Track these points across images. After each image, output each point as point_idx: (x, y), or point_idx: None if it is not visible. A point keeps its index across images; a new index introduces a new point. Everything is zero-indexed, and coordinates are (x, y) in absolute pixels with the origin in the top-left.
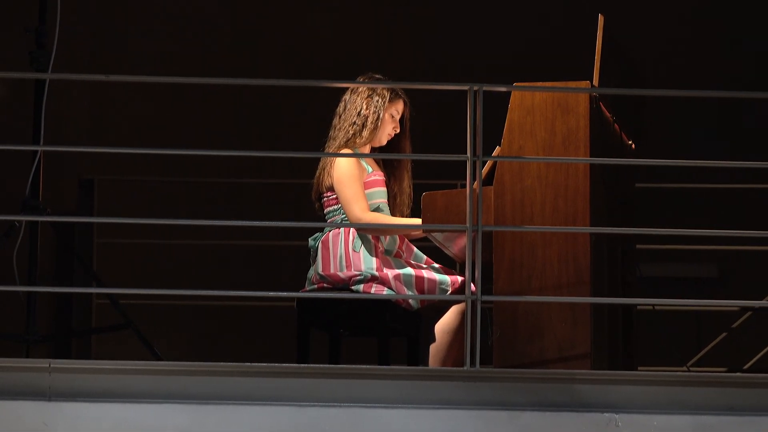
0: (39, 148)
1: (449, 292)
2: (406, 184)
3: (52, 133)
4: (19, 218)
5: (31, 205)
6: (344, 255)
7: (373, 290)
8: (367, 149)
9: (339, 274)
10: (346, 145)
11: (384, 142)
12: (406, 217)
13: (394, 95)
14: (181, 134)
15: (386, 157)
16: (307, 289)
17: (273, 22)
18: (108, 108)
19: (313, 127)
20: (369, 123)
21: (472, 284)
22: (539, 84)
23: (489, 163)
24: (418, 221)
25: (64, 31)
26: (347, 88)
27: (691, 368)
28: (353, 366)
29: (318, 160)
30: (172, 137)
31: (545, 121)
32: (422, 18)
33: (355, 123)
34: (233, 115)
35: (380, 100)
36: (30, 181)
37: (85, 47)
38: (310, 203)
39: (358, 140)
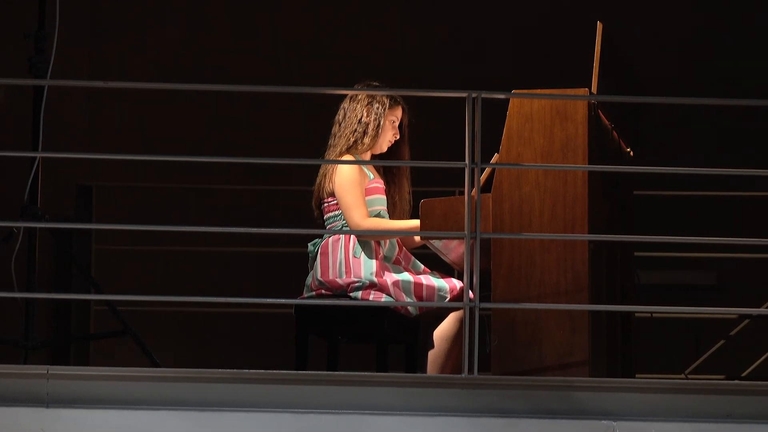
0: (37, 155)
1: (448, 299)
2: (406, 190)
3: (51, 139)
4: (17, 224)
5: (30, 211)
6: (344, 261)
7: (371, 297)
8: (367, 156)
9: (338, 280)
10: (347, 152)
11: (385, 149)
12: None
13: (394, 102)
14: (179, 141)
15: (385, 164)
16: (306, 295)
17: (270, 29)
18: (106, 114)
19: (312, 134)
20: (370, 130)
21: (470, 291)
22: (538, 91)
23: (487, 170)
24: (417, 222)
25: (62, 38)
26: (346, 96)
27: (689, 376)
28: (351, 373)
29: (318, 166)
30: (171, 144)
31: (544, 128)
32: (420, 24)
33: (356, 130)
34: (232, 121)
35: (380, 107)
36: (28, 188)
37: (84, 53)
38: (309, 210)
39: (359, 147)
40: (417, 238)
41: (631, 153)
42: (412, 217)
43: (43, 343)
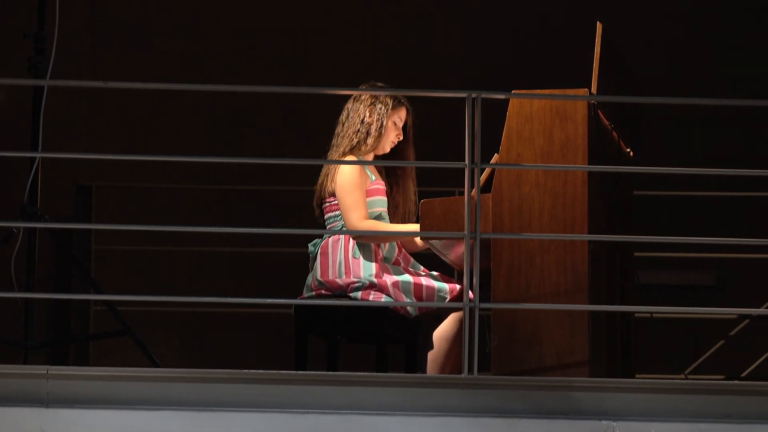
0: (37, 155)
1: (447, 300)
2: (411, 191)
3: (51, 139)
4: (17, 224)
5: (30, 211)
6: (343, 261)
7: (371, 297)
8: (370, 157)
9: (337, 280)
10: (350, 152)
11: (387, 150)
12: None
13: (397, 103)
14: (179, 141)
15: (385, 164)
16: (306, 295)
17: (272, 30)
18: (106, 114)
19: (314, 135)
20: (373, 131)
21: (470, 292)
22: (538, 91)
23: (487, 171)
24: (416, 227)
25: (62, 38)
26: (350, 96)
27: (688, 376)
28: (351, 373)
29: (320, 166)
30: (170, 144)
31: (543, 128)
32: (421, 24)
33: (359, 131)
34: (233, 121)
35: (383, 107)
36: (28, 188)
37: (84, 53)
38: (310, 210)
39: (362, 148)
40: (418, 243)
41: (631, 153)
42: (415, 217)
43: (42, 343)
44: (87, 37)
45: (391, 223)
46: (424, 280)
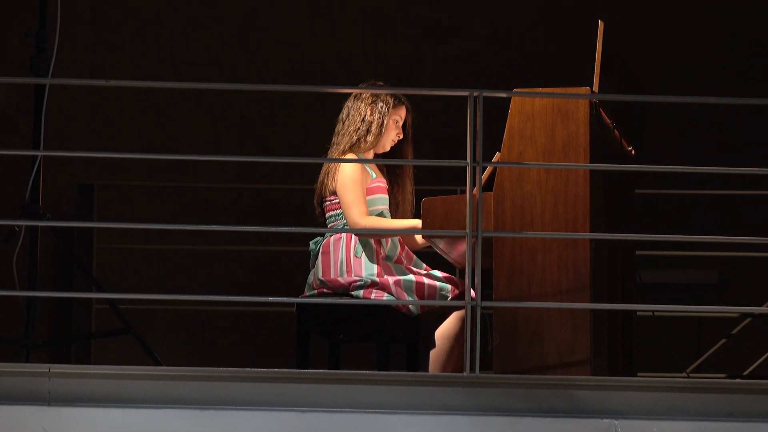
0: (39, 153)
1: (449, 298)
2: (409, 191)
3: (52, 138)
4: (19, 223)
5: (31, 210)
6: (345, 260)
7: (373, 296)
8: (370, 155)
9: (339, 279)
10: (350, 150)
11: (387, 149)
12: None
13: (398, 101)
14: (181, 139)
15: (386, 163)
16: (307, 294)
17: (274, 28)
18: (108, 113)
19: (315, 133)
20: (373, 129)
21: (472, 290)
22: (539, 90)
23: (489, 169)
24: (417, 222)
25: (64, 36)
26: (350, 95)
27: (690, 374)
28: (353, 371)
29: (321, 164)
30: (172, 142)
31: (545, 126)
32: (422, 23)
33: (359, 129)
34: (234, 120)
35: (384, 106)
36: (30, 186)
37: (85, 52)
38: (311, 208)
39: (362, 146)
40: (419, 240)
41: (633, 152)
42: (415, 216)
43: (44, 341)
44: (88, 36)
45: None
46: (426, 279)
